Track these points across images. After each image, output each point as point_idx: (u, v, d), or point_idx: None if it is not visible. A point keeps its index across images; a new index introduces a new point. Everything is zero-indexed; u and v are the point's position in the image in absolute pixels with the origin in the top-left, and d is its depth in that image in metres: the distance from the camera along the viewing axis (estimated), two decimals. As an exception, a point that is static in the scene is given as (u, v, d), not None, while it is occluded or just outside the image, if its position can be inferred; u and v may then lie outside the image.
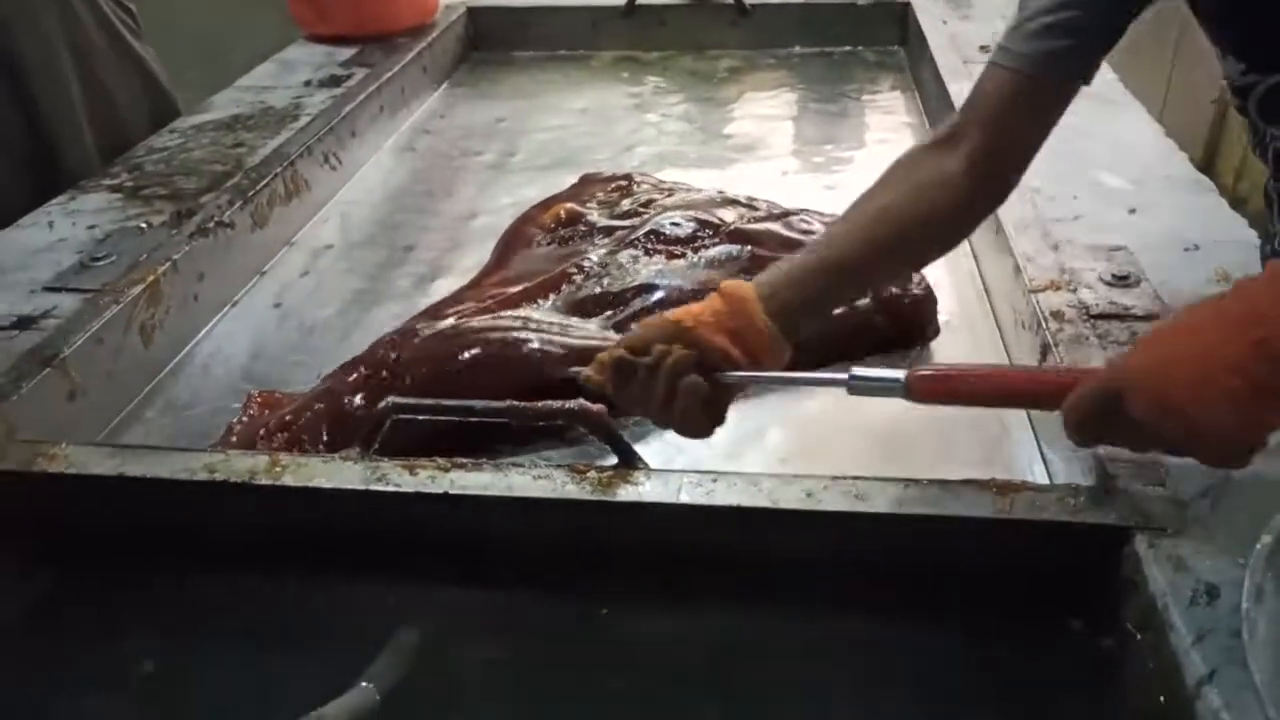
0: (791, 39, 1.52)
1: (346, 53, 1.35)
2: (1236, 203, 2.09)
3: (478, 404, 0.56)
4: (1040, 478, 0.63)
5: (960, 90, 1.08)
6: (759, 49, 1.52)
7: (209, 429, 0.72)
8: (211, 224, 0.87)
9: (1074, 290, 0.71)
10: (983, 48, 1.24)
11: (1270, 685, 0.32)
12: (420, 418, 0.57)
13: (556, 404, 0.55)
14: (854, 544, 0.53)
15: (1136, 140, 0.92)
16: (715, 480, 0.54)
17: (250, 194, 0.93)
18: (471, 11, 1.56)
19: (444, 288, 0.90)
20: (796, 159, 1.14)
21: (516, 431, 0.65)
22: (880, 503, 0.52)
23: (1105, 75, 1.11)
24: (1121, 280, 0.71)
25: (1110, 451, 0.55)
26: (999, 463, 0.65)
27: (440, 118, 1.33)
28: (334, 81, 1.23)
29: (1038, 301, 0.70)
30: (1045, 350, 0.66)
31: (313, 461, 0.57)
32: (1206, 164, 2.01)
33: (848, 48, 1.51)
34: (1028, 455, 0.66)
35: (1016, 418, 0.69)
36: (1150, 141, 0.94)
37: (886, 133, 1.21)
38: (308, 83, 1.24)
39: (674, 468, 0.57)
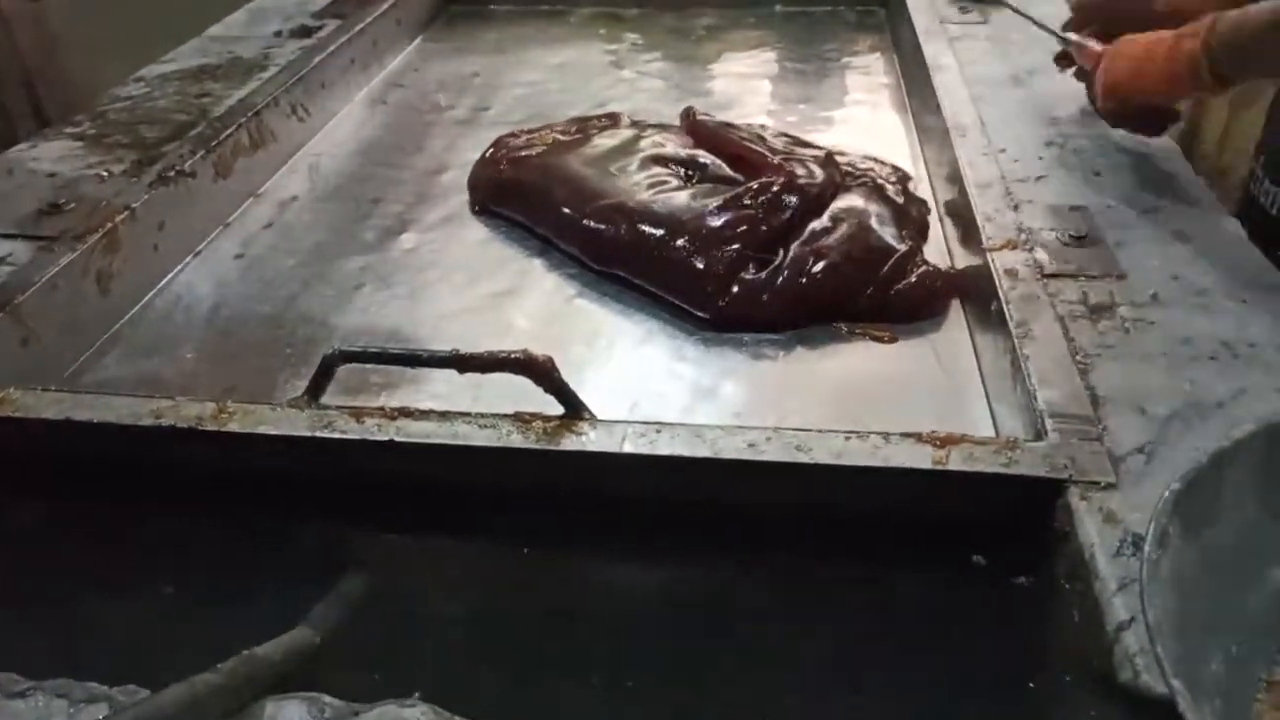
0: (772, -3, 1.50)
1: (320, 2, 1.33)
2: (1219, 173, 2.10)
3: (423, 352, 0.56)
4: (987, 432, 0.64)
5: (935, 51, 1.08)
6: (739, 7, 1.50)
7: (169, 376, 0.72)
8: (172, 173, 0.86)
9: (1030, 250, 0.71)
10: (961, 7, 1.23)
11: (1161, 625, 0.33)
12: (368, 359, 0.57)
13: (503, 353, 0.55)
14: (795, 493, 0.54)
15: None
16: (659, 431, 0.55)
17: (213, 144, 0.92)
18: (449, -36, 1.53)
19: (409, 241, 0.90)
20: (772, 118, 1.13)
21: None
22: (821, 454, 0.53)
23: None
24: (1078, 240, 0.72)
25: (1051, 406, 0.55)
26: (950, 420, 0.66)
27: (414, 71, 1.32)
28: (305, 32, 1.22)
29: (994, 260, 0.70)
30: (997, 310, 0.66)
31: (260, 408, 0.57)
32: (1191, 131, 2.00)
33: (829, 7, 1.49)
34: (979, 411, 0.67)
35: (970, 378, 0.70)
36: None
37: (863, 93, 1.21)
38: (278, 33, 1.22)
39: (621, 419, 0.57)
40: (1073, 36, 1.00)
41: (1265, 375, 0.58)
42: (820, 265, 0.74)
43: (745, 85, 1.24)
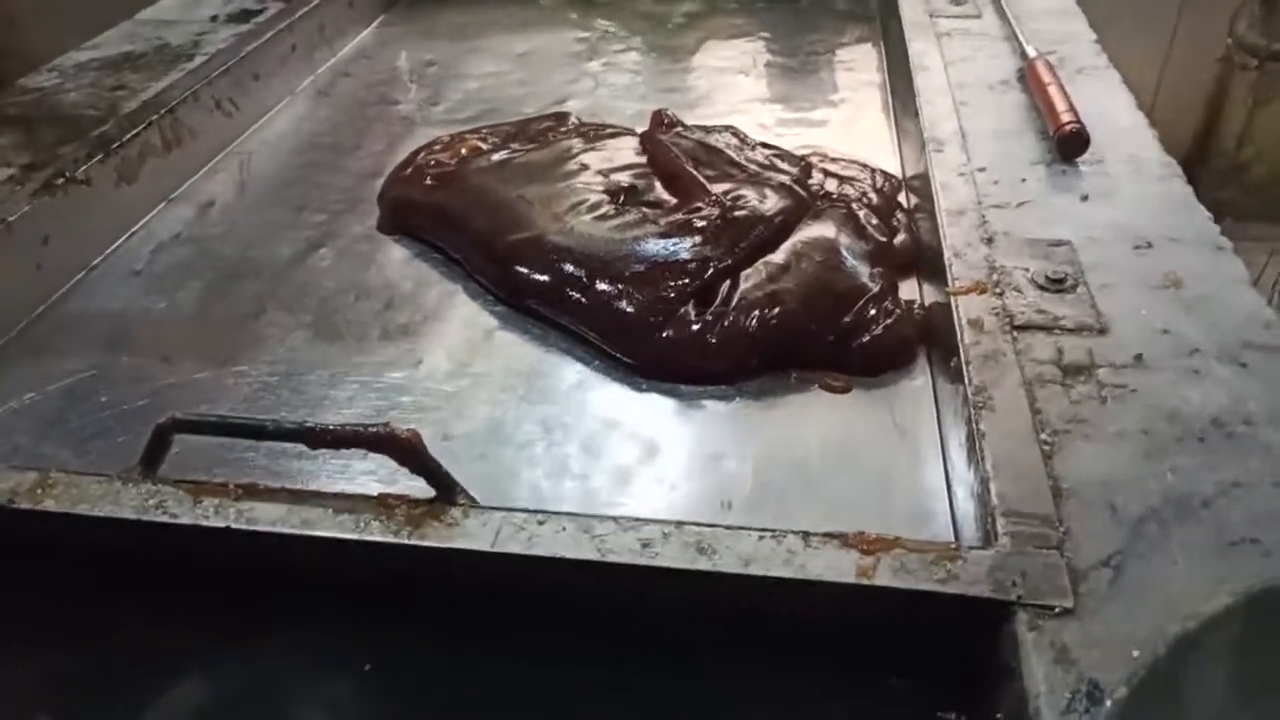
0: (758, -18, 1.40)
1: (268, -17, 1.24)
2: (1239, 170, 2.00)
3: (269, 424, 0.48)
4: (941, 511, 0.56)
5: (922, 50, 0.98)
6: (722, -8, 1.40)
7: (26, 426, 0.64)
8: (61, 180, 0.78)
9: (1000, 294, 0.62)
10: (955, 1, 1.13)
11: None
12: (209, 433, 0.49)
13: (360, 428, 0.47)
14: (695, 599, 0.46)
15: (1104, 115, 0.83)
16: (542, 523, 0.47)
17: (116, 145, 0.84)
18: (415, -59, 1.44)
19: (326, 257, 0.82)
20: (747, 119, 1.04)
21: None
22: (726, 559, 0.44)
23: (1084, 38, 1.01)
24: (1056, 284, 0.63)
25: (1005, 501, 0.47)
26: (901, 492, 0.58)
27: (365, 59, 1.23)
28: (243, 16, 1.13)
29: (958, 306, 0.61)
30: (956, 368, 0.57)
31: (85, 482, 0.49)
32: (1208, 127, 1.90)
33: (817, -7, 1.39)
34: (934, 479, 0.58)
35: (928, 441, 0.61)
36: (1120, 117, 0.85)
37: (846, 91, 1.11)
38: (214, 17, 1.13)
39: (499, 504, 0.49)
40: (1030, 51, 0.91)
41: (1262, 463, 0.50)
42: (772, 311, 0.66)
43: (721, 80, 1.15)
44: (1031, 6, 1.08)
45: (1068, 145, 0.78)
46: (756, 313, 0.65)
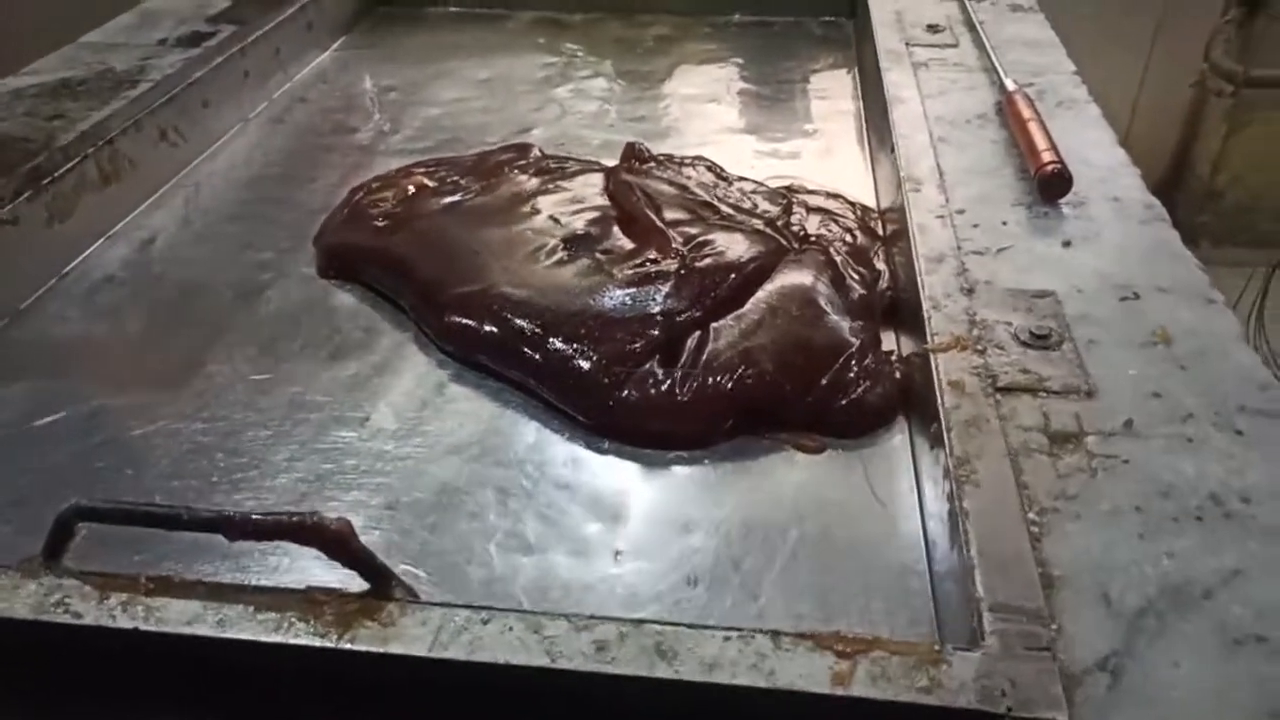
0: (731, 5, 1.37)
1: (222, 4, 1.19)
2: (1213, 196, 1.99)
3: (184, 512, 0.43)
4: (921, 591, 0.52)
5: (898, 81, 0.95)
6: (694, 15, 1.37)
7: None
8: (-15, 220, 0.73)
9: (982, 351, 0.59)
10: (931, 27, 1.11)
11: None
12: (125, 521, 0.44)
13: (285, 517, 0.43)
14: (656, 707, 0.42)
15: (1084, 153, 0.80)
16: (486, 622, 0.42)
17: (48, 180, 0.79)
18: (378, -40, 1.40)
19: (270, 301, 0.77)
20: (719, 150, 1.00)
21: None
22: (688, 665, 0.40)
23: (1063, 69, 0.98)
24: (1040, 340, 0.59)
25: (993, 594, 0.43)
26: (878, 570, 0.54)
27: (324, 84, 1.18)
28: (194, 40, 1.08)
29: (937, 365, 0.58)
30: (936, 437, 0.54)
31: (-22, 575, 0.44)
32: (1183, 153, 1.89)
33: (791, 18, 1.36)
34: (914, 556, 0.55)
35: (907, 508, 0.58)
36: (1101, 156, 0.82)
37: (820, 121, 1.08)
38: (163, 41, 1.08)
39: (446, 582, 0.45)
40: (1009, 84, 0.89)
41: (1264, 545, 0.46)
42: (746, 371, 0.61)
43: (693, 109, 1.11)
44: (1009, 35, 1.06)
45: (1049, 186, 0.75)
46: (729, 373, 0.61)
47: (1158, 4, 1.77)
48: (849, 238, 0.79)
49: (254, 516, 0.43)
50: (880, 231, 0.82)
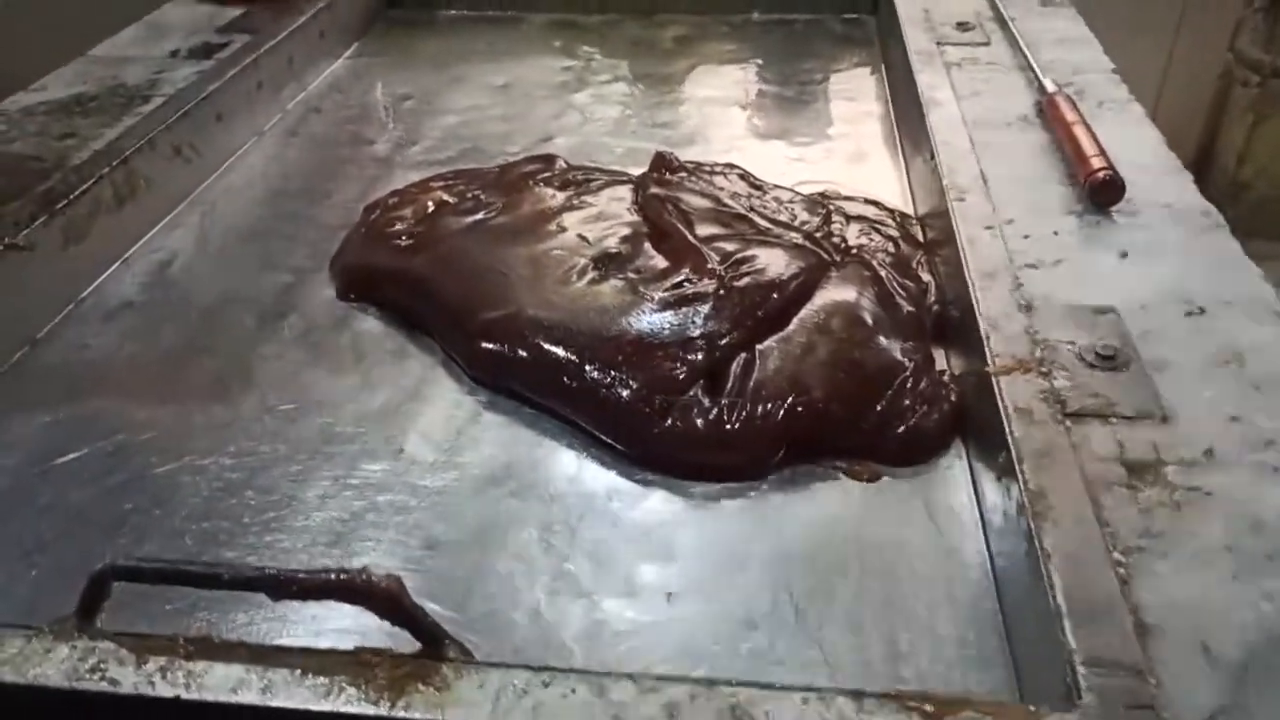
0: (749, 3, 1.34)
1: (232, 14, 1.17)
2: (1239, 188, 1.95)
3: (225, 571, 0.41)
4: (990, 632, 0.49)
5: (931, 82, 0.92)
6: (712, 14, 1.34)
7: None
8: (-1, 248, 0.71)
9: (1047, 373, 0.56)
10: (961, 24, 1.08)
11: None
12: (165, 580, 0.42)
13: (332, 576, 0.40)
14: (732, 775, 0.39)
15: (1132, 156, 0.77)
16: (548, 684, 0.40)
17: (62, 204, 0.77)
18: (388, -37, 1.37)
19: (292, 327, 0.75)
20: (739, 154, 0.98)
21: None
22: (765, 730, 0.38)
23: (1101, 67, 0.95)
24: (1107, 361, 0.57)
25: (1086, 647, 0.41)
26: (942, 605, 0.51)
27: (339, 93, 1.15)
28: (205, 51, 1.06)
29: (1001, 389, 0.55)
30: (1005, 468, 0.51)
31: (5, 636, 0.42)
32: (1207, 145, 1.85)
33: (811, 15, 1.33)
34: (981, 591, 0.52)
35: (971, 538, 0.55)
36: (1149, 156, 0.79)
37: (846, 124, 1.05)
38: (175, 53, 1.06)
39: (493, 634, 0.42)
40: (1049, 85, 0.86)
41: (1366, 584, 0.44)
42: (798, 398, 0.59)
43: (715, 113, 1.08)
44: (1040, 31, 1.03)
45: (1101, 193, 0.72)
46: (779, 400, 0.58)
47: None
48: (891, 248, 0.76)
49: (300, 575, 0.40)
50: (918, 240, 0.79)
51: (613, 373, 0.62)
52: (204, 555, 0.56)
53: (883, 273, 0.71)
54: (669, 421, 0.59)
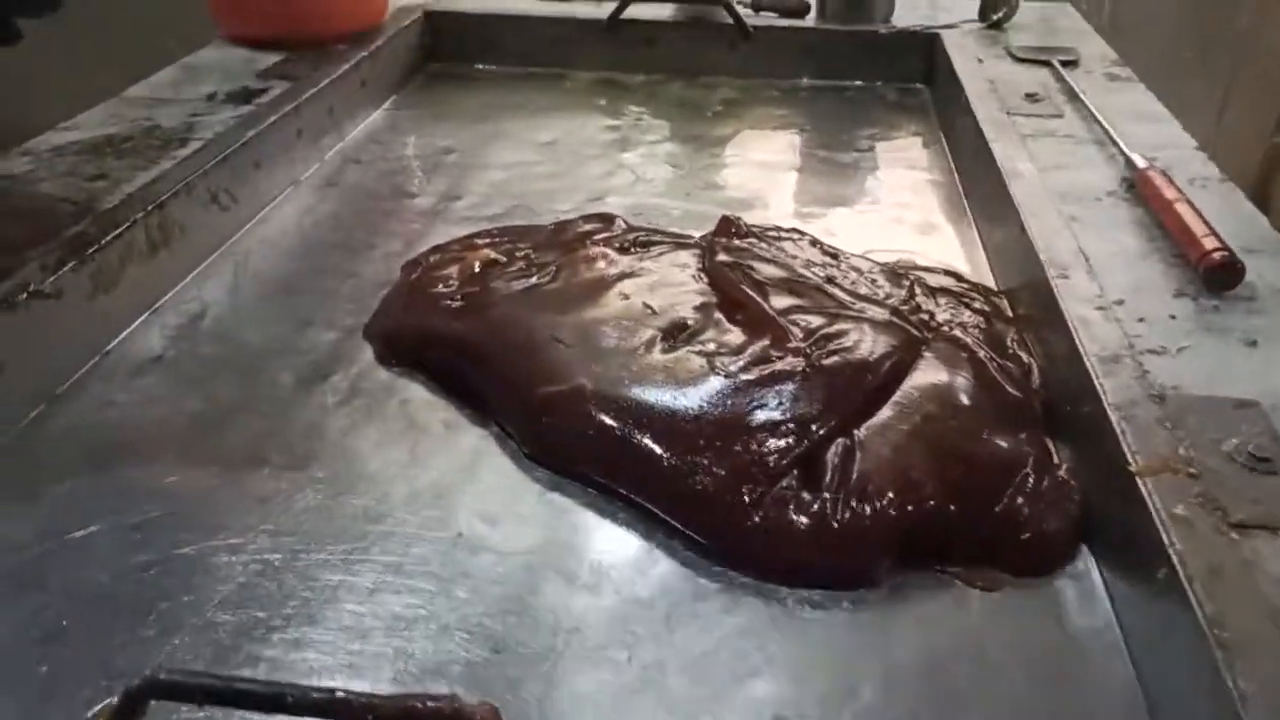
0: (799, 69, 1.31)
1: (271, 59, 1.13)
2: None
3: (289, 692, 0.34)
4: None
5: (1008, 153, 0.88)
6: (761, 78, 1.31)
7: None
8: (24, 296, 0.65)
9: (1197, 475, 0.50)
10: (1029, 96, 1.04)
11: None
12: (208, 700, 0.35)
13: (419, 705, 0.34)
14: None
15: (1238, 234, 0.72)
16: (671, 847, 0.33)
17: (93, 250, 0.71)
18: (430, 16, 1.34)
19: (333, 392, 0.68)
20: (802, 220, 0.93)
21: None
22: None
23: (1184, 144, 0.91)
24: (1264, 463, 0.51)
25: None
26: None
27: (377, 144, 1.11)
28: (244, 96, 1.01)
29: (1152, 495, 0.49)
30: (1169, 585, 0.45)
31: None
32: (1261, 188, 1.81)
33: (862, 82, 1.30)
34: (1132, 726, 0.45)
35: (1115, 660, 0.48)
36: (1256, 238, 0.74)
37: (908, 193, 1.00)
38: (212, 96, 1.02)
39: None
40: (1139, 161, 0.81)
41: None
42: (911, 495, 0.52)
43: (772, 178, 1.04)
44: (1115, 106, 0.99)
45: (1217, 276, 0.67)
46: (892, 497, 0.52)
47: (1224, 69, 1.72)
48: (983, 324, 0.71)
49: (377, 702, 0.34)
50: (1010, 318, 0.74)
51: (693, 458, 0.56)
52: (241, 651, 0.49)
53: (981, 353, 0.65)
54: (762, 515, 0.53)
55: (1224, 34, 1.72)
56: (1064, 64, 1.12)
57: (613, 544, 0.56)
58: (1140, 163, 0.82)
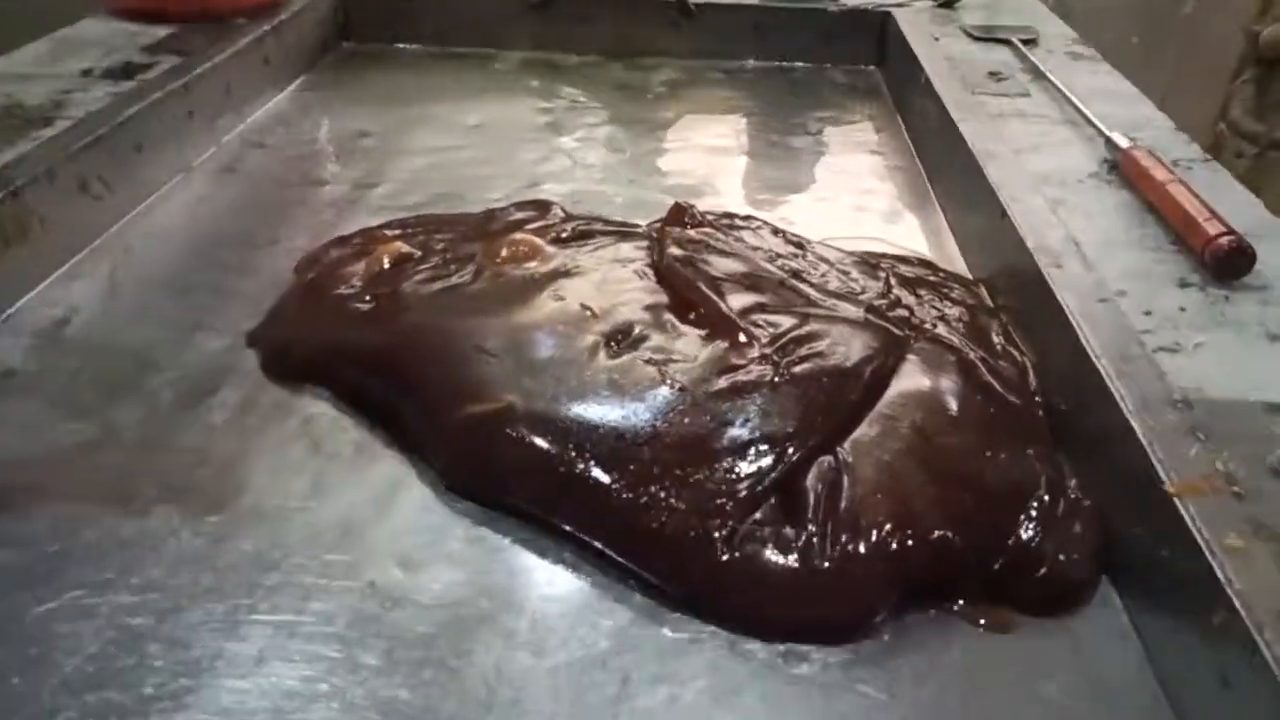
0: (744, 50, 1.23)
1: (160, 33, 1.01)
2: None
3: None
4: None
5: (975, 131, 0.81)
6: (704, 59, 1.23)
7: None
8: None
9: (1243, 497, 0.43)
10: (993, 74, 0.97)
11: None
12: None
13: None
14: None
15: (1242, 222, 0.65)
16: None
17: (-76, 245, 0.59)
18: (344, -11, 1.23)
19: (218, 411, 0.58)
20: (757, 209, 0.85)
21: None
22: None
23: (1160, 124, 0.85)
24: (1312, 479, 0.44)
25: None
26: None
27: (283, 127, 1.00)
28: (126, 72, 0.89)
29: (1196, 522, 0.41)
30: (1226, 630, 0.37)
31: None
32: None
33: (810, 64, 1.23)
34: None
35: (1147, 703, 0.41)
36: (1256, 221, 0.67)
37: (869, 178, 0.93)
38: (87, 71, 0.89)
39: None
40: (1121, 141, 0.75)
41: None
42: (908, 533, 0.44)
43: (721, 163, 0.96)
44: (1083, 85, 0.93)
45: (1226, 264, 0.60)
46: (888, 531, 0.44)
47: (1170, 56, 1.69)
48: (966, 318, 0.63)
49: None
50: (995, 313, 0.66)
51: (648, 489, 0.47)
52: (84, 749, 0.39)
53: (971, 354, 0.57)
54: (733, 557, 0.44)
55: (1170, 20, 1.69)
56: (1024, 42, 1.06)
57: (557, 590, 0.47)
58: (1123, 142, 0.76)
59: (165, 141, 0.84)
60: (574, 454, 0.48)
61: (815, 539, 0.44)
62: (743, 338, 0.57)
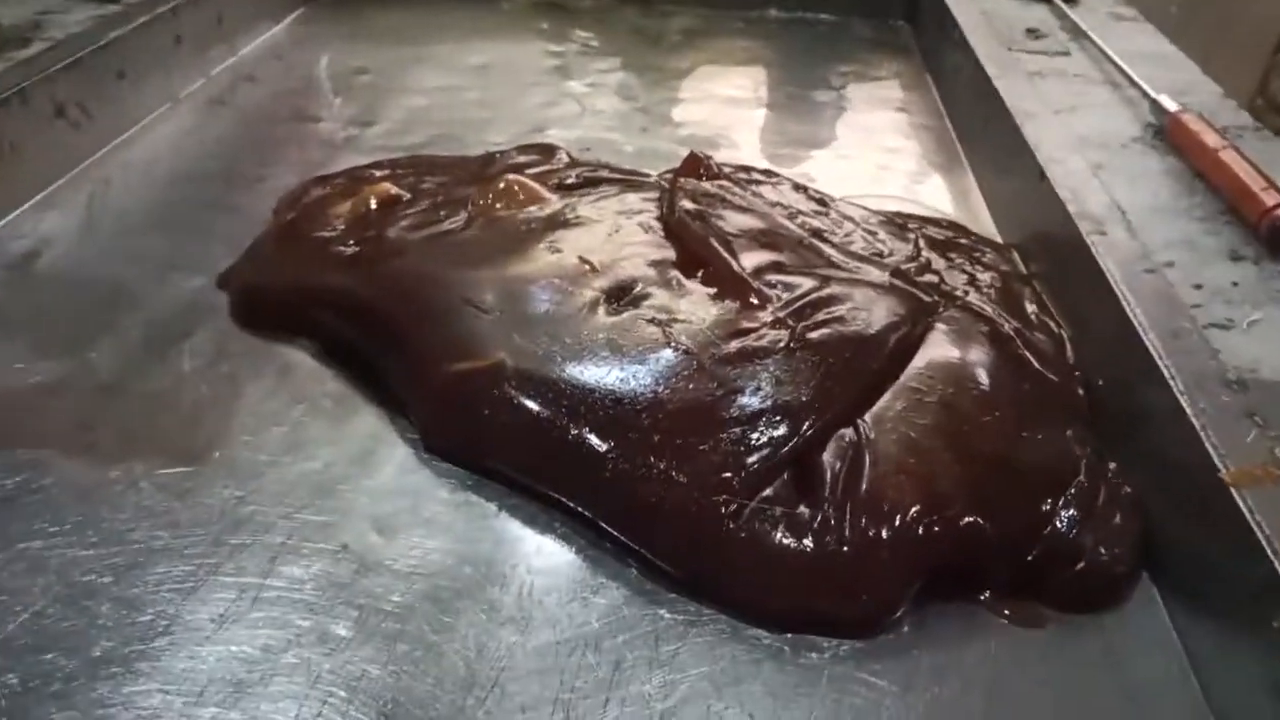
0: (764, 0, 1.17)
1: (152, -44, 0.95)
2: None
3: None
4: None
5: (1013, 92, 0.76)
6: (723, 7, 1.16)
7: None
8: None
9: (1303, 484, 0.39)
10: (1030, 31, 0.92)
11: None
12: None
13: None
14: None
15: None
16: None
17: (-121, 165, 0.55)
18: (349, -80, 1.17)
19: (190, 356, 0.54)
20: (776, 164, 0.80)
21: None
22: None
23: (1205, 89, 0.80)
24: (1383, 473, 0.40)
25: None
26: None
27: (277, 60, 0.95)
28: (112, -7, 0.84)
29: (1255, 515, 0.37)
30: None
31: None
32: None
33: (835, 17, 1.17)
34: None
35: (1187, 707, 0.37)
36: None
37: (898, 137, 0.88)
38: (71, -8, 0.84)
39: None
40: (1169, 104, 0.70)
41: None
42: (936, 518, 0.40)
43: (739, 115, 0.91)
44: (1124, 47, 0.87)
45: (1283, 237, 0.56)
46: (914, 514, 0.40)
47: (1209, 27, 1.62)
48: (999, 284, 0.59)
49: None
50: (1025, 272, 0.62)
51: (648, 459, 0.43)
52: (26, 718, 0.35)
53: (1006, 325, 0.53)
54: (740, 537, 0.40)
55: (1211, -12, 1.62)
56: (1065, 0, 1.00)
57: (546, 562, 0.43)
58: (1171, 106, 0.71)
59: (150, 69, 0.80)
60: (567, 418, 0.44)
61: (831, 520, 0.40)
62: (755, 299, 0.52)
